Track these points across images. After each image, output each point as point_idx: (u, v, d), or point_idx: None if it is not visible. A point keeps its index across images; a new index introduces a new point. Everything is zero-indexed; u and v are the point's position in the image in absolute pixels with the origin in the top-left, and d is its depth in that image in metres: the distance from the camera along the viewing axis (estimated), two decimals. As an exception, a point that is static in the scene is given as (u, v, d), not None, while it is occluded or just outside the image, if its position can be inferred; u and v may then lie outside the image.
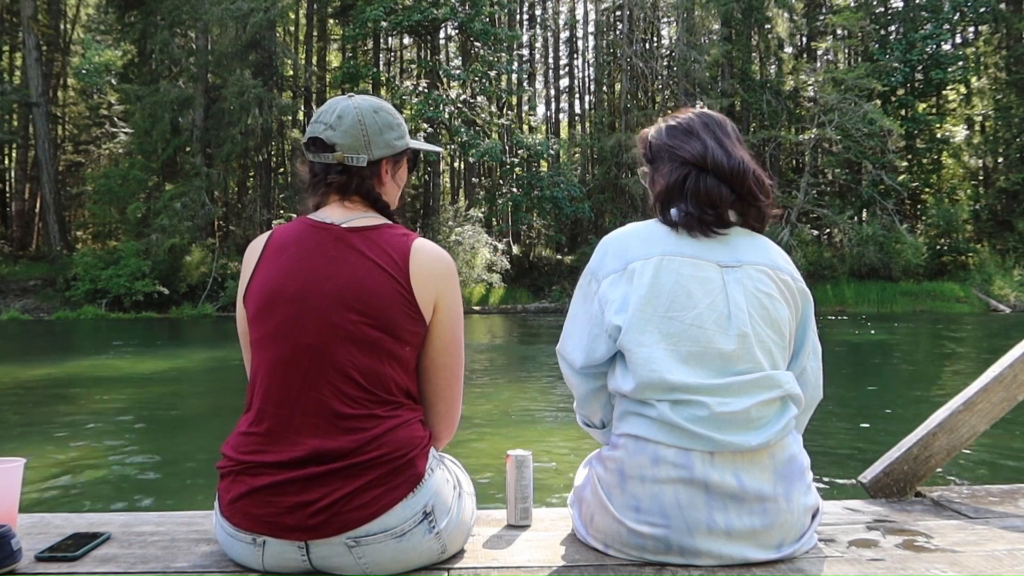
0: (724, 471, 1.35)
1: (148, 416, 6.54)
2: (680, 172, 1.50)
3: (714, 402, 1.36)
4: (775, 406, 1.41)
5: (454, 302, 1.49)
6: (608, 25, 34.50)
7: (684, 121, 1.57)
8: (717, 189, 1.48)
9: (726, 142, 1.53)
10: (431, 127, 26.35)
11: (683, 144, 1.53)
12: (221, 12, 23.99)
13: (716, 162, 1.48)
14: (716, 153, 1.49)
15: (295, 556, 1.35)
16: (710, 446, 1.35)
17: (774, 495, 1.37)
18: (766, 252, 1.51)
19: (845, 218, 27.44)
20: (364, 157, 1.49)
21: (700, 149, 1.50)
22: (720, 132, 1.55)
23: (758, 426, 1.38)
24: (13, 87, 26.50)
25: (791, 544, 1.42)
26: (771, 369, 1.43)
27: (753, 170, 1.51)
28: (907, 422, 2.24)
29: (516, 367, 10.26)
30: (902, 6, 31.71)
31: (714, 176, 1.48)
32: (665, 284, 1.43)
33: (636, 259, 1.46)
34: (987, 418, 1.92)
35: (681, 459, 1.36)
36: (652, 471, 1.38)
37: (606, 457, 1.47)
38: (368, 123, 1.49)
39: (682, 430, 1.36)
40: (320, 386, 1.36)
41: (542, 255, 31.74)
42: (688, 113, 1.60)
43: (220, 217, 27.17)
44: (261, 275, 1.45)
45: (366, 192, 1.50)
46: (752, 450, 1.36)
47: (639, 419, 1.41)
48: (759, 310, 1.44)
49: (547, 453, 4.75)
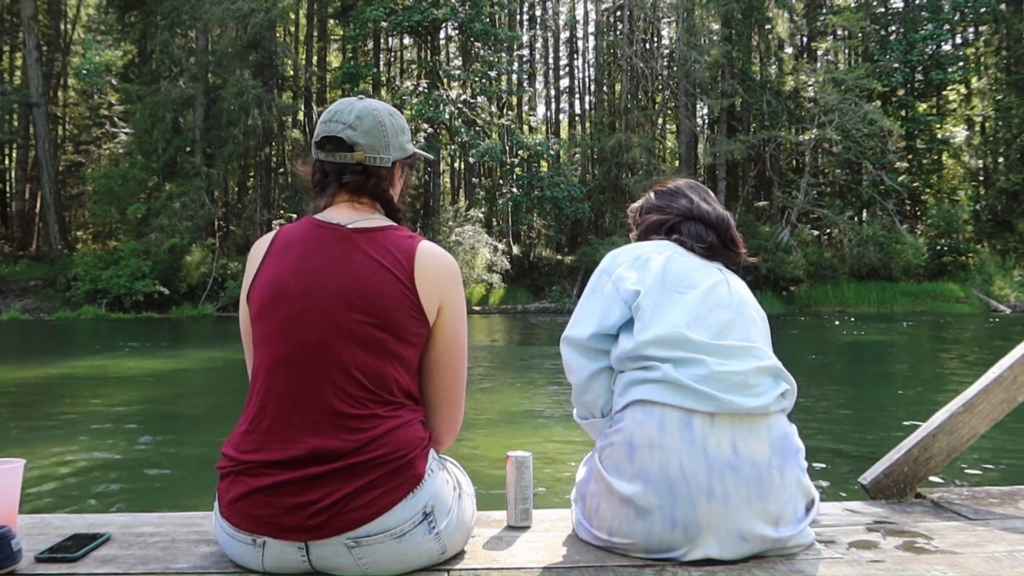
0: (722, 435, 1.42)
1: (148, 416, 6.54)
2: (665, 218, 1.73)
3: (714, 362, 1.46)
4: (769, 376, 1.51)
5: (458, 305, 1.50)
6: (608, 25, 34.50)
7: (671, 187, 1.80)
8: (705, 232, 1.69)
9: (711, 200, 1.76)
10: (431, 127, 26.35)
11: (671, 203, 1.75)
12: (221, 12, 24.00)
13: (702, 212, 1.71)
14: (702, 207, 1.72)
15: (295, 557, 1.35)
16: (712, 405, 1.42)
17: (768, 465, 1.43)
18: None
19: (845, 218, 27.43)
20: (387, 158, 1.51)
21: (687, 204, 1.73)
22: (704, 194, 1.77)
23: (756, 392, 1.46)
24: (13, 87, 26.52)
25: (788, 526, 1.44)
26: (762, 346, 1.57)
27: (734, 224, 1.74)
28: (907, 423, 2.24)
29: (516, 368, 10.26)
30: (902, 6, 31.71)
31: (700, 223, 1.69)
32: (673, 271, 1.59)
33: (645, 252, 1.63)
34: (987, 419, 1.92)
35: (684, 421, 1.43)
36: (659, 437, 1.43)
37: (611, 432, 1.51)
38: (387, 125, 1.51)
39: (686, 388, 1.43)
40: (322, 384, 1.36)
41: (542, 255, 31.73)
42: (675, 181, 1.82)
43: (220, 217, 27.17)
44: (265, 273, 1.46)
45: (380, 193, 1.52)
46: (750, 413, 1.43)
47: (643, 385, 1.48)
48: (754, 306, 1.62)
49: (547, 454, 4.75)
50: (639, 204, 1.84)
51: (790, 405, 1.55)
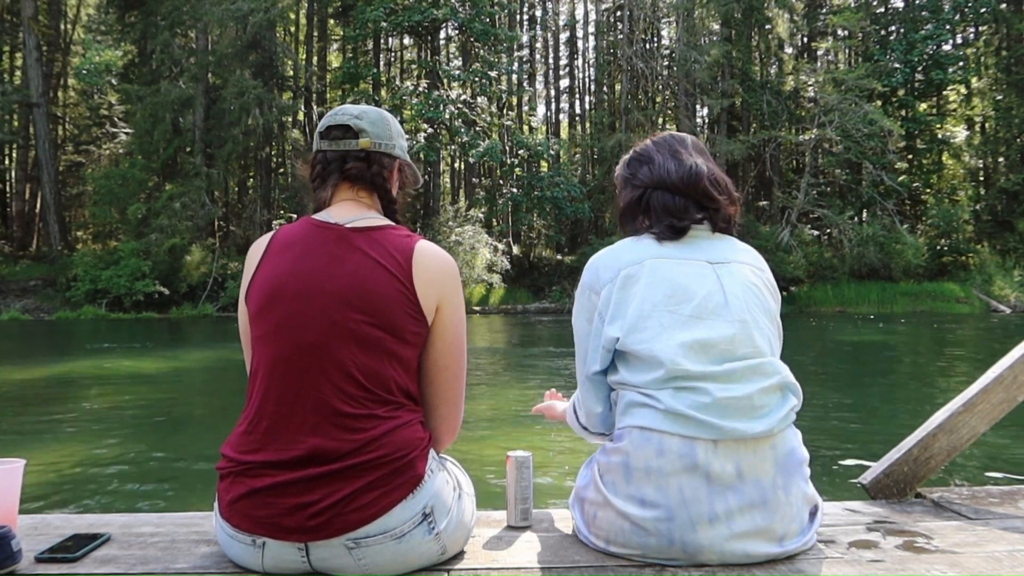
0: (726, 461, 1.37)
1: (148, 416, 6.53)
2: (635, 194, 1.61)
3: (716, 388, 1.38)
4: (776, 394, 1.44)
5: (457, 304, 1.49)
6: (608, 25, 34.51)
7: (640, 149, 1.66)
8: (672, 201, 1.56)
9: (682, 153, 1.60)
10: (431, 127, 26.37)
11: (637, 172, 1.63)
12: (221, 12, 24.01)
13: (664, 175, 1.57)
14: (666, 166, 1.58)
15: (295, 557, 1.35)
16: (714, 434, 1.37)
17: (773, 486, 1.39)
18: (746, 252, 1.59)
19: (845, 218, 27.44)
20: (392, 145, 1.55)
21: (647, 173, 1.60)
22: (677, 146, 1.62)
23: (761, 414, 1.40)
24: (13, 87, 26.52)
25: (793, 540, 1.43)
26: (768, 354, 1.47)
27: (708, 173, 1.57)
28: (907, 423, 2.24)
29: (516, 368, 10.26)
30: (902, 6, 31.72)
31: (666, 190, 1.56)
32: (661, 282, 1.48)
33: (628, 265, 1.52)
34: (987, 419, 1.92)
35: (685, 449, 1.37)
36: (657, 462, 1.39)
37: (611, 450, 1.48)
38: (391, 122, 1.58)
39: (687, 418, 1.37)
40: (321, 384, 1.36)
41: (542, 255, 31.75)
42: (648, 140, 1.68)
43: (220, 217, 27.19)
44: (263, 273, 1.46)
45: (380, 183, 1.54)
46: (755, 438, 1.38)
47: (643, 410, 1.42)
48: (753, 299, 1.50)
49: (547, 454, 4.75)
50: (617, 173, 1.71)
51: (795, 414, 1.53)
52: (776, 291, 1.59)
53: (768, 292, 1.55)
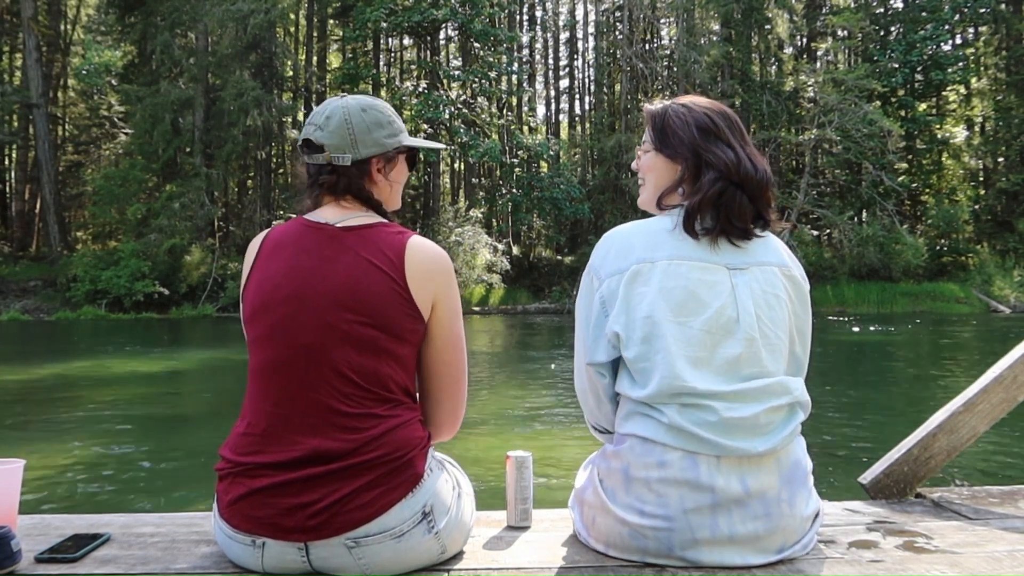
0: (730, 476, 1.35)
1: (148, 416, 6.53)
2: (716, 187, 1.44)
3: (723, 407, 1.35)
4: (783, 412, 1.41)
5: (452, 299, 1.49)
6: (608, 26, 34.49)
7: (705, 120, 1.49)
8: (748, 205, 1.45)
9: (748, 149, 1.48)
10: (431, 128, 26.36)
11: (713, 148, 1.46)
12: (221, 13, 24.01)
13: (746, 175, 1.45)
14: (746, 165, 1.45)
15: (295, 557, 1.35)
16: (717, 451, 1.34)
17: (778, 500, 1.37)
18: (772, 252, 1.49)
19: (845, 218, 27.45)
20: (349, 156, 1.48)
21: (732, 159, 1.45)
22: (742, 137, 1.50)
23: (766, 432, 1.37)
24: (13, 88, 26.53)
25: (792, 547, 1.42)
26: (778, 372, 1.42)
27: (772, 179, 1.49)
28: (907, 423, 2.24)
29: (516, 368, 10.27)
30: (902, 7, 31.71)
31: (742, 190, 1.44)
32: (673, 289, 1.40)
33: (641, 261, 1.43)
34: (987, 419, 1.92)
35: (687, 463, 1.35)
36: (658, 473, 1.37)
37: (610, 455, 1.46)
38: (355, 122, 1.48)
39: (690, 434, 1.35)
40: (317, 386, 1.36)
41: (542, 256, 31.75)
42: (703, 105, 1.52)
43: (220, 217, 27.18)
44: (257, 276, 1.45)
45: (356, 191, 1.50)
46: (759, 455, 1.36)
47: (646, 420, 1.40)
48: (767, 311, 1.43)
49: (547, 454, 4.75)
50: (670, 121, 1.51)
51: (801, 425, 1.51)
52: (804, 289, 1.51)
53: (789, 295, 1.47)
